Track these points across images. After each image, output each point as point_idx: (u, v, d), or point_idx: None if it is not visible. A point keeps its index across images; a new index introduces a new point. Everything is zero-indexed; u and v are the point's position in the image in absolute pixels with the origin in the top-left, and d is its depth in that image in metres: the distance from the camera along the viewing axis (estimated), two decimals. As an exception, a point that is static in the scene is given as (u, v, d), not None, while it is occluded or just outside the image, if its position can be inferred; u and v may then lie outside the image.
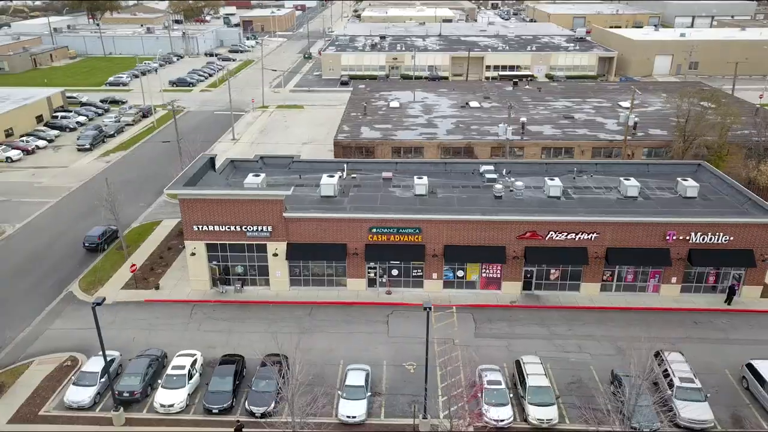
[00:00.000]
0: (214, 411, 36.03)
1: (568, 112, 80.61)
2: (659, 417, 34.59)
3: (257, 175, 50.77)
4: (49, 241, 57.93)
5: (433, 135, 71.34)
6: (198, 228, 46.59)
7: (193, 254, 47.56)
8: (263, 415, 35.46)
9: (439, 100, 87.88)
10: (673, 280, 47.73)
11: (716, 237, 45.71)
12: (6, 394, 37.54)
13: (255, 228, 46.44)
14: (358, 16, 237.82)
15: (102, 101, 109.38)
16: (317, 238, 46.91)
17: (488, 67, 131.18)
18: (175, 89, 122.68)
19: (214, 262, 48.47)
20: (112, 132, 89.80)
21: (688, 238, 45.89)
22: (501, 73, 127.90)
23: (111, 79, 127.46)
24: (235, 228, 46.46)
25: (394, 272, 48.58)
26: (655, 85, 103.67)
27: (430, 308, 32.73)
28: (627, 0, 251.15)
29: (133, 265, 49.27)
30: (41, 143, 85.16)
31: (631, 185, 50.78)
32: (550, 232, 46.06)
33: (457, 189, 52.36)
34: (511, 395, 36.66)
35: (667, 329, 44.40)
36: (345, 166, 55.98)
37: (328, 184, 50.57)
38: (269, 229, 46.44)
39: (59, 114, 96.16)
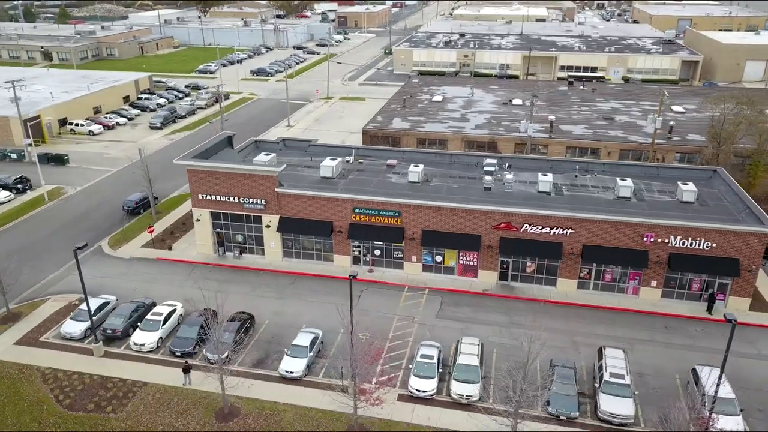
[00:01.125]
0: (177, 353, 40.91)
1: (610, 114, 78.81)
2: (579, 407, 35.36)
3: (267, 154, 55.31)
4: (98, 203, 66.07)
5: (460, 129, 72.77)
6: (203, 197, 51.93)
7: (198, 220, 53.03)
8: (216, 362, 39.74)
9: (484, 96, 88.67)
10: (653, 283, 46.79)
11: (697, 242, 44.43)
12: (21, 321, 44.68)
13: (251, 200, 51.01)
14: (452, 14, 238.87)
15: (186, 86, 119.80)
16: (306, 214, 50.70)
17: (562, 67, 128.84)
18: (255, 78, 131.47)
19: (218, 230, 53.67)
20: (183, 114, 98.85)
21: (667, 241, 44.95)
22: (573, 73, 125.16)
23: (201, 67, 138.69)
24: (234, 199, 51.28)
25: (377, 252, 51.34)
26: (725, 91, 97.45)
27: (354, 276, 35.49)
28: (747, 0, 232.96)
29: (150, 226, 55.60)
30: (122, 120, 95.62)
31: (625, 185, 50.08)
32: (525, 225, 46.84)
33: (452, 179, 54.07)
34: (441, 370, 38.50)
35: (633, 330, 44.06)
36: (353, 151, 59.41)
37: (328, 166, 54.11)
38: (263, 202, 50.82)
39: (143, 96, 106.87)
